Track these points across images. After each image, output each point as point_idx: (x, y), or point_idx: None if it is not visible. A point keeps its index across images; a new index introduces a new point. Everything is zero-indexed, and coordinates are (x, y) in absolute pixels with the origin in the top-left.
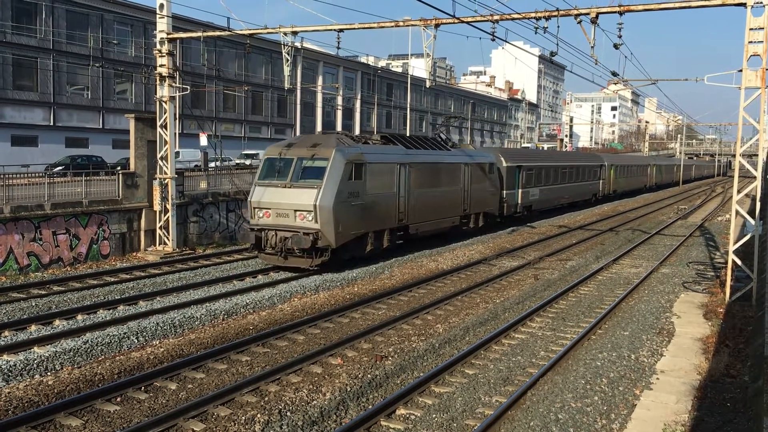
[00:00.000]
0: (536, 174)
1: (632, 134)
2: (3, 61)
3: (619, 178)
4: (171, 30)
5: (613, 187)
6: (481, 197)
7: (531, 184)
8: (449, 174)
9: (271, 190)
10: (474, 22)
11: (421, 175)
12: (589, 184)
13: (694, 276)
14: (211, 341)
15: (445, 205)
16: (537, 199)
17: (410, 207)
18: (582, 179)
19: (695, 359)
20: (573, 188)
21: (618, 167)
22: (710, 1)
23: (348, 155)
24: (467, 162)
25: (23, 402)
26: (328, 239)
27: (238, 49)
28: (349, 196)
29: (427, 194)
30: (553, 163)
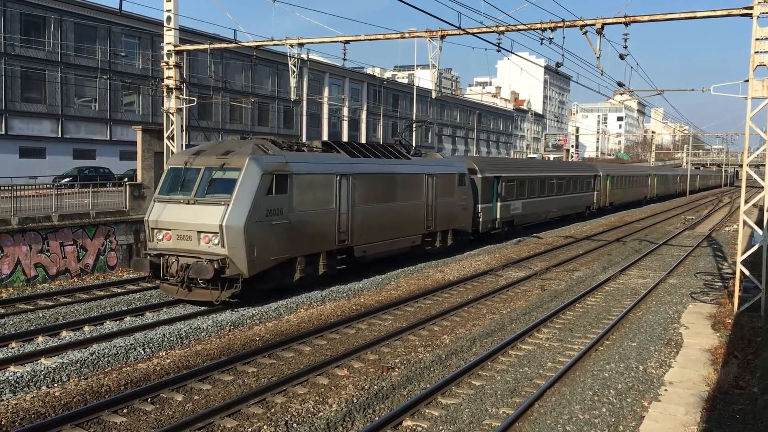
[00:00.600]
0: (519, 185)
1: (638, 144)
2: (12, 73)
3: (615, 190)
4: (178, 42)
5: (610, 199)
6: (450, 212)
7: (512, 196)
8: (408, 186)
9: (171, 207)
10: (480, 33)
11: (370, 188)
12: (581, 196)
13: (701, 286)
14: (217, 352)
15: (402, 223)
16: (520, 213)
17: (355, 225)
18: (573, 191)
19: (704, 370)
20: (563, 201)
21: (615, 178)
22: (716, 11)
23: (267, 165)
24: (431, 172)
25: (30, 413)
26: (238, 267)
27: (245, 61)
28: (268, 213)
29: (378, 210)
30: (538, 174)
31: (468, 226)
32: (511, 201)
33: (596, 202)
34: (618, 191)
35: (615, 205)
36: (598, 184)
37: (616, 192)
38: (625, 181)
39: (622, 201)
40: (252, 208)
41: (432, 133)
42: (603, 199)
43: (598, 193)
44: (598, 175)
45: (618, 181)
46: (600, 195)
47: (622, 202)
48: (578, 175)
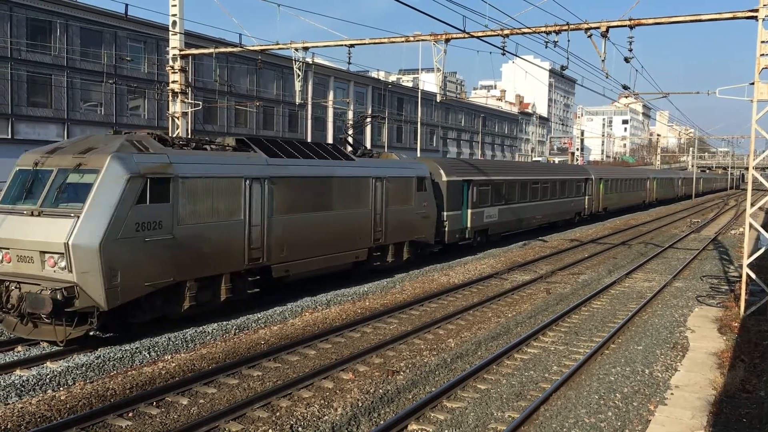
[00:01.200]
0: (494, 190)
1: (644, 147)
2: (18, 78)
3: (610, 194)
4: (183, 46)
5: (603, 204)
6: (406, 221)
7: (487, 202)
8: (348, 192)
9: (11, 220)
10: (484, 36)
11: (296, 194)
12: (570, 201)
13: (708, 290)
14: (222, 356)
15: (340, 235)
16: (495, 221)
17: (273, 240)
18: (561, 195)
19: (710, 374)
20: (549, 206)
21: (609, 181)
22: (721, 14)
23: (137, 166)
24: (381, 176)
25: (36, 417)
26: (91, 297)
27: (250, 65)
28: (140, 228)
29: (307, 221)
30: (519, 177)
31: (430, 237)
32: (485, 207)
33: (588, 207)
34: (613, 195)
35: (610, 211)
36: (590, 188)
37: (610, 196)
38: (621, 184)
39: (618, 206)
40: (112, 222)
41: (437, 137)
42: (596, 204)
43: (590, 197)
44: (590, 178)
45: (613, 185)
46: (592, 200)
47: (617, 207)
48: (566, 179)
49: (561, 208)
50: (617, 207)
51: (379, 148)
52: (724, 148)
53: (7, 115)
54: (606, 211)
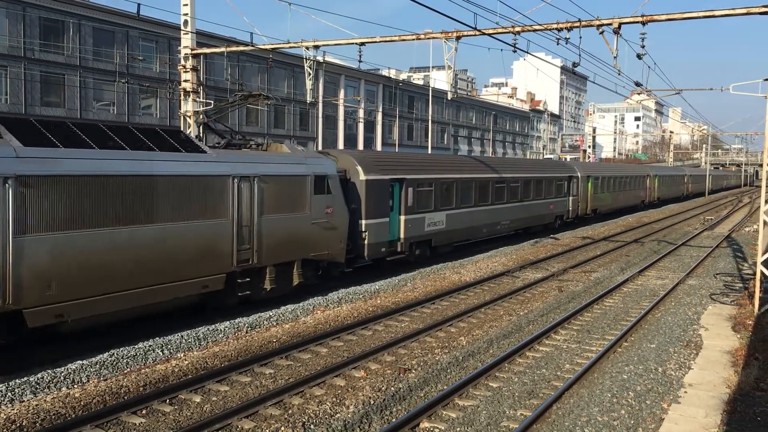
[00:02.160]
0: (441, 191)
1: (656, 144)
2: (31, 78)
3: (601, 194)
4: (195, 45)
5: (592, 205)
6: (295, 235)
7: (430, 206)
8: (187, 196)
9: None
10: (495, 34)
11: (78, 201)
12: (549, 203)
13: (721, 288)
14: (235, 354)
15: (168, 258)
16: (442, 229)
17: (26, 272)
18: (536, 197)
19: (724, 372)
20: (518, 210)
21: (599, 179)
22: (735, 9)
23: None
24: (249, 174)
25: (50, 414)
26: None
27: (261, 64)
28: None
29: (98, 241)
30: (476, 175)
31: (337, 254)
32: (427, 213)
33: (572, 210)
34: (604, 195)
35: (599, 213)
36: (575, 188)
37: (601, 196)
38: (614, 183)
39: (610, 207)
40: None
41: (448, 135)
42: (582, 206)
43: (575, 198)
44: (575, 176)
45: (604, 184)
46: (578, 201)
47: (610, 209)
48: (543, 177)
49: (535, 211)
50: (610, 208)
51: (389, 146)
52: (738, 145)
53: (21, 115)
54: (595, 213)
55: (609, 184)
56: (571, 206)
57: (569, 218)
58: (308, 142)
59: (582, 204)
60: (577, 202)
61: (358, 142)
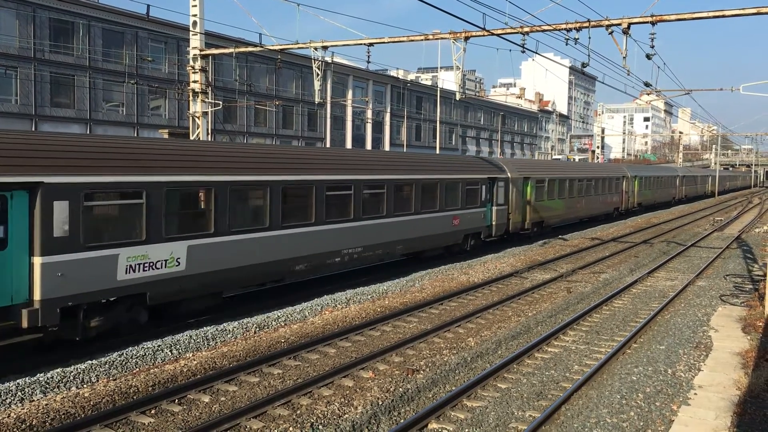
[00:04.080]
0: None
1: (666, 145)
2: (41, 78)
3: (547, 201)
4: (204, 46)
5: (534, 217)
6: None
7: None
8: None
9: None
10: (504, 34)
11: None
12: (451, 216)
13: (731, 289)
14: (243, 354)
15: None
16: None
17: None
18: (426, 207)
19: (734, 374)
20: (384, 229)
21: (545, 182)
22: (745, 9)
23: None
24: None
25: (60, 414)
26: None
27: (269, 65)
28: None
29: None
30: (248, 177)
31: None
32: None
33: (497, 224)
34: (555, 204)
35: (548, 226)
36: (501, 194)
37: (548, 205)
38: (570, 186)
39: (565, 217)
40: None
41: (456, 135)
42: (516, 219)
43: (501, 208)
44: (501, 177)
45: (552, 187)
46: (506, 212)
47: (564, 219)
48: (438, 179)
49: (423, 228)
50: (564, 218)
51: (397, 146)
52: (748, 146)
53: (31, 116)
54: (543, 226)
55: (561, 187)
56: (496, 220)
57: (492, 236)
58: (316, 142)
59: (515, 216)
60: (506, 214)
61: (366, 143)
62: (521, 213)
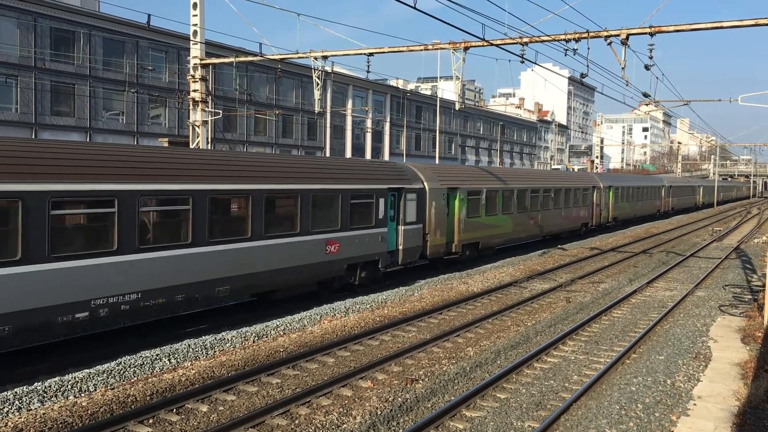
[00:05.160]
0: None
1: (665, 155)
2: (42, 87)
3: (488, 218)
4: (204, 56)
5: (472, 235)
6: None
7: None
8: None
9: None
10: (503, 44)
11: None
12: (311, 243)
13: (730, 299)
14: (241, 363)
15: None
16: None
17: None
18: (271, 230)
19: (733, 385)
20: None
21: (489, 194)
22: (743, 21)
23: None
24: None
25: (58, 423)
26: None
27: (270, 74)
28: None
29: None
30: None
31: None
32: None
33: (382, 259)
34: (489, 220)
35: (488, 249)
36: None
37: (480, 222)
38: (512, 197)
39: (506, 239)
40: None
41: (455, 145)
42: (413, 243)
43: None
44: (379, 189)
45: (475, 201)
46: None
47: (506, 241)
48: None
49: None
50: (505, 240)
51: (397, 156)
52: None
53: (31, 124)
54: (464, 250)
55: (506, 201)
56: (404, 243)
57: (398, 264)
58: (316, 151)
59: (436, 237)
60: (421, 235)
61: (366, 152)
62: (445, 233)
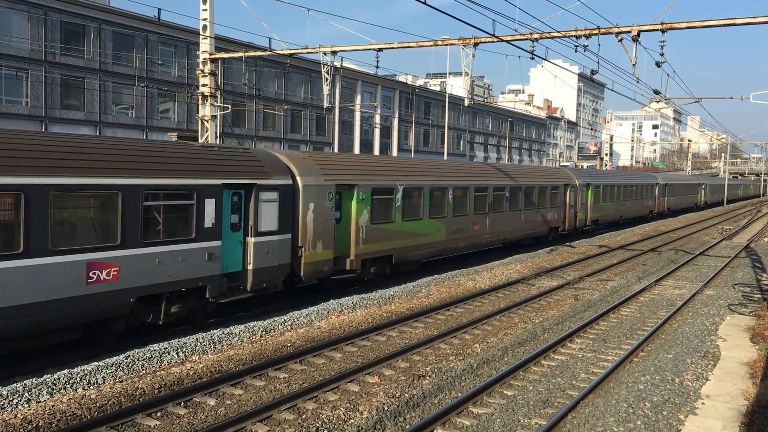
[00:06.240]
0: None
1: (674, 153)
2: (52, 81)
3: (406, 224)
4: (213, 50)
5: (382, 246)
6: None
7: None
8: None
9: None
10: (513, 40)
11: None
12: (66, 267)
13: (740, 298)
14: (249, 357)
15: None
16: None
17: None
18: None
19: (742, 384)
20: None
21: (406, 193)
22: (756, 18)
23: None
24: None
25: (67, 415)
26: None
27: (279, 69)
28: None
29: None
30: None
31: None
32: None
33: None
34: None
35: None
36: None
37: (380, 230)
38: (430, 197)
39: (416, 254)
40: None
41: (464, 141)
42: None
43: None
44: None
45: (380, 202)
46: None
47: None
48: None
49: None
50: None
51: (405, 152)
52: (757, 154)
53: (41, 118)
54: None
55: (437, 201)
56: (256, 261)
57: (248, 291)
58: (324, 147)
59: (315, 250)
60: (288, 249)
61: (374, 148)
62: (333, 245)
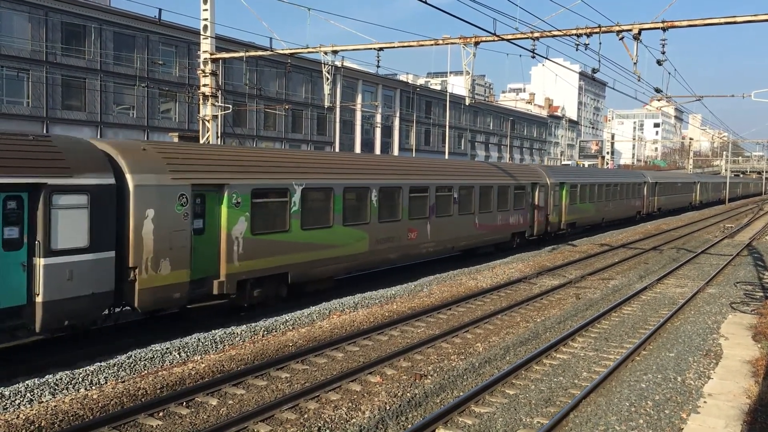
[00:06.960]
0: None
1: (676, 151)
2: (53, 81)
3: (310, 233)
4: (214, 50)
5: (270, 261)
6: None
7: None
8: None
9: None
10: (514, 39)
11: None
12: None
13: (742, 296)
14: (251, 357)
15: None
16: None
17: None
18: None
19: (744, 382)
20: None
21: (315, 193)
22: (757, 16)
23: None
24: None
25: (69, 415)
26: None
27: (279, 69)
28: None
29: None
30: None
31: None
32: None
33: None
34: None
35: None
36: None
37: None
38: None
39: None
40: None
41: (465, 140)
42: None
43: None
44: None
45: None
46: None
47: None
48: None
49: None
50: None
51: (406, 151)
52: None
53: (42, 118)
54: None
55: (357, 202)
56: (45, 293)
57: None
58: (325, 146)
59: (154, 273)
60: (122, 274)
61: (376, 147)
62: (189, 264)
